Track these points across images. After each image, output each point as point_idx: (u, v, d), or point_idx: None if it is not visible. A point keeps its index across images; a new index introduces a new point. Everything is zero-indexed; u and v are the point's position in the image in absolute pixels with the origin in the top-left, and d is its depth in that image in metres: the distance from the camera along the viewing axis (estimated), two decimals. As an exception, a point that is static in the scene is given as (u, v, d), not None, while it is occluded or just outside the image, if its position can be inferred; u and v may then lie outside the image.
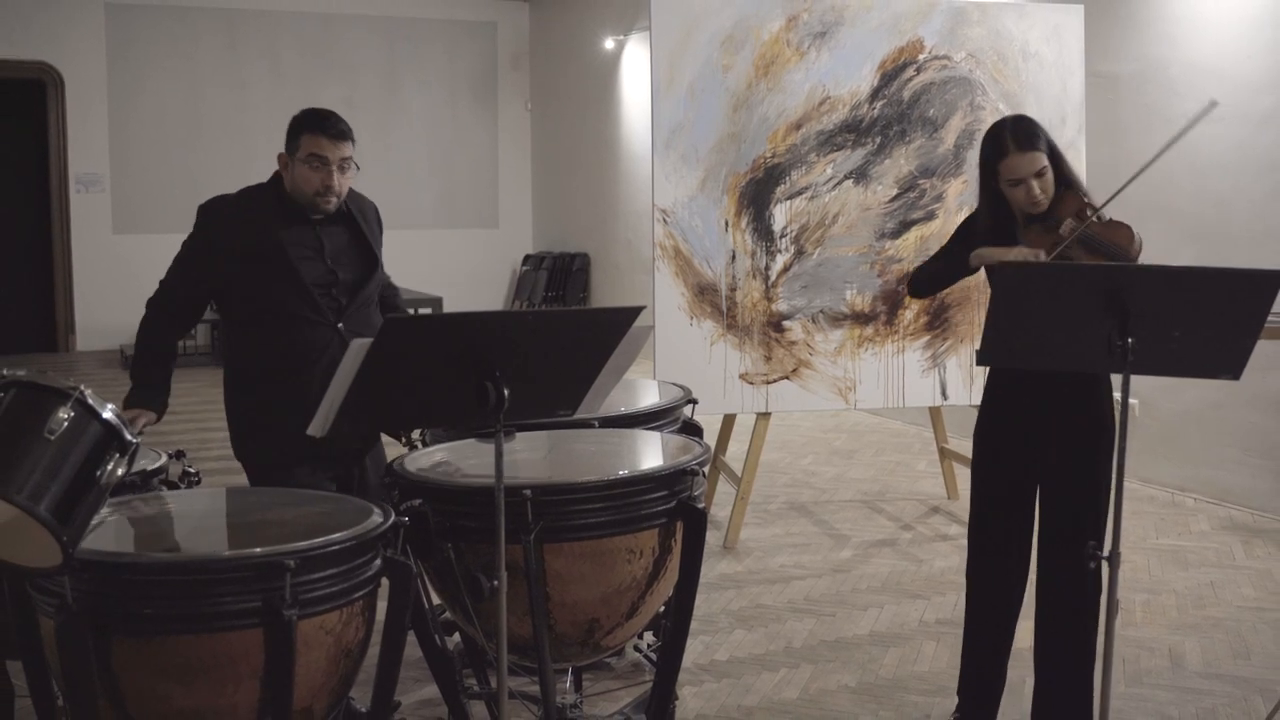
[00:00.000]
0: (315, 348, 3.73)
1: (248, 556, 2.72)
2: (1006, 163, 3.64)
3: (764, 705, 4.28)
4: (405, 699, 4.18)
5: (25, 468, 2.51)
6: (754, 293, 6.18)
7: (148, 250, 11.81)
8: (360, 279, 3.88)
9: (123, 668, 2.71)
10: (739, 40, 6.15)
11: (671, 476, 3.41)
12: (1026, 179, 3.62)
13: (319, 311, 3.76)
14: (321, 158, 3.73)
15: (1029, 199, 3.65)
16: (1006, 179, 3.65)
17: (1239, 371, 3.12)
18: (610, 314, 3.04)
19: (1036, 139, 3.64)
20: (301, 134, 3.76)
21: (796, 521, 6.59)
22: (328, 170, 3.74)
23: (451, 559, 3.29)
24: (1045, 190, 3.65)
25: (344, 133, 3.78)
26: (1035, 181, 3.63)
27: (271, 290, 3.74)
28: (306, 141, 3.74)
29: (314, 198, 3.76)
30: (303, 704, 2.81)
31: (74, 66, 13.13)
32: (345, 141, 3.77)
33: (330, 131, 3.75)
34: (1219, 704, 4.25)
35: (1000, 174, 3.66)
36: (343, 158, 3.76)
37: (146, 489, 3.43)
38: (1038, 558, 3.85)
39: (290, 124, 3.82)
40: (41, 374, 2.67)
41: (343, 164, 3.77)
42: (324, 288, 3.78)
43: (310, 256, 3.78)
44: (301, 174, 3.75)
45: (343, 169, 3.77)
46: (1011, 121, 3.74)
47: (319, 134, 3.74)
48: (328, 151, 3.73)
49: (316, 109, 3.87)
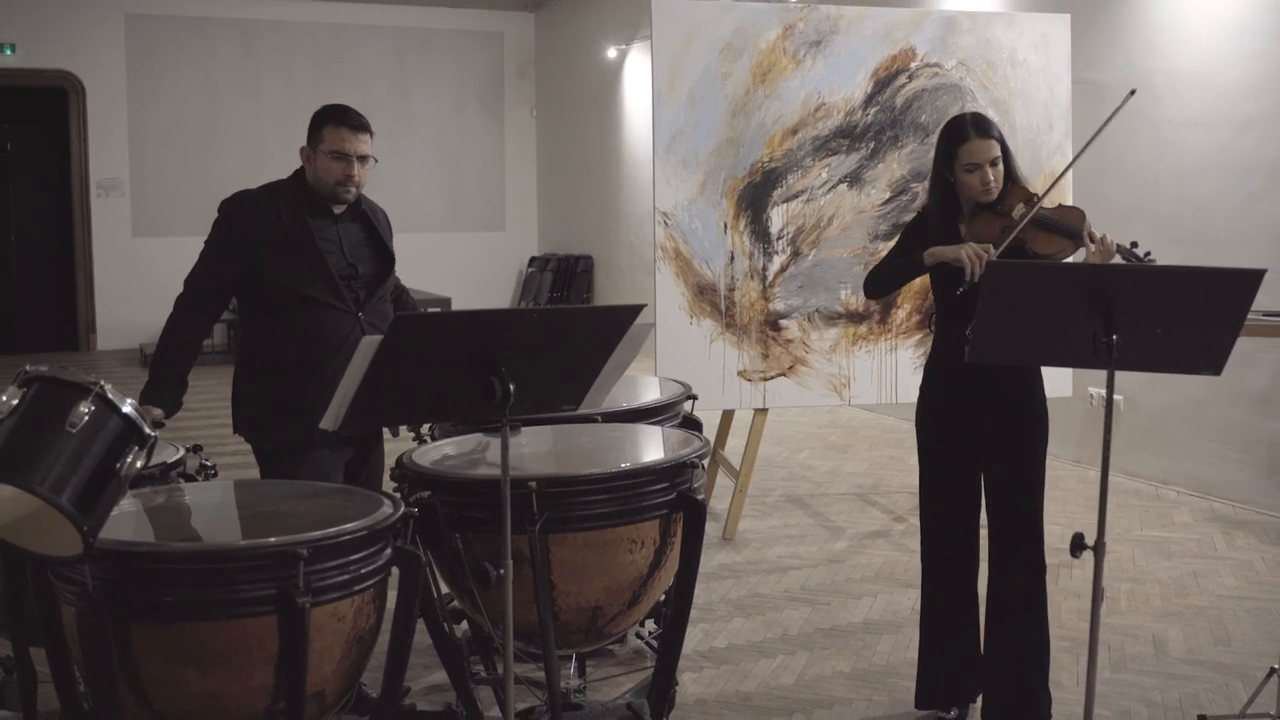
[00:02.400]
0: (340, 334, 3.77)
1: (263, 546, 2.73)
2: (967, 147, 3.71)
3: (762, 691, 4.28)
4: (415, 684, 4.19)
5: (48, 460, 2.51)
6: (752, 292, 6.18)
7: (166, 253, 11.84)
8: (377, 273, 3.94)
9: (142, 653, 2.72)
10: (737, 49, 6.15)
11: (672, 469, 3.42)
12: (983, 164, 3.70)
13: (343, 300, 3.81)
14: (342, 151, 3.79)
15: (982, 184, 3.71)
16: (965, 163, 3.72)
17: (1220, 368, 3.12)
18: (612, 312, 3.04)
19: (992, 129, 3.75)
20: (324, 126, 3.83)
21: (793, 514, 6.59)
22: (349, 161, 3.80)
23: (459, 549, 3.30)
24: (997, 179, 3.73)
25: (364, 125, 3.86)
26: (990, 169, 3.70)
27: (301, 277, 3.78)
28: (329, 134, 3.81)
29: (335, 188, 3.82)
30: (315, 688, 2.82)
31: (95, 75, 13.14)
32: (365, 134, 3.85)
33: (351, 123, 3.82)
34: (1201, 689, 4.25)
35: (959, 158, 3.73)
36: (362, 152, 3.83)
37: (165, 481, 3.44)
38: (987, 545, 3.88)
39: (313, 118, 3.89)
40: (63, 369, 2.67)
41: (362, 156, 3.83)
42: (345, 279, 3.83)
43: (332, 250, 3.83)
44: (324, 165, 3.81)
45: (362, 161, 3.84)
46: (970, 114, 3.86)
47: (341, 126, 3.81)
48: (348, 144, 3.80)
49: (337, 104, 3.93)
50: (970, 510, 3.88)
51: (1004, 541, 3.82)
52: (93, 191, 13.27)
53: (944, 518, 3.89)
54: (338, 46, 14.04)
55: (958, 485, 3.86)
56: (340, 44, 14.04)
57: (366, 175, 3.90)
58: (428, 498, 3.26)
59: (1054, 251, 3.67)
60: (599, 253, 13.91)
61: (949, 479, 3.86)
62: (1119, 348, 3.05)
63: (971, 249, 3.61)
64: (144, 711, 2.77)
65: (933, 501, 3.91)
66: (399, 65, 14.33)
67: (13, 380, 2.63)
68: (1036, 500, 3.80)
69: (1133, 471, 7.20)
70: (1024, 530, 3.78)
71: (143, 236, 13.28)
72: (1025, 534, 3.79)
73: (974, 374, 3.64)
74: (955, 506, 3.87)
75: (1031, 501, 3.79)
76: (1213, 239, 6.69)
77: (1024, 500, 3.79)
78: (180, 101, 13.44)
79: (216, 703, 2.75)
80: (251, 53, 13.71)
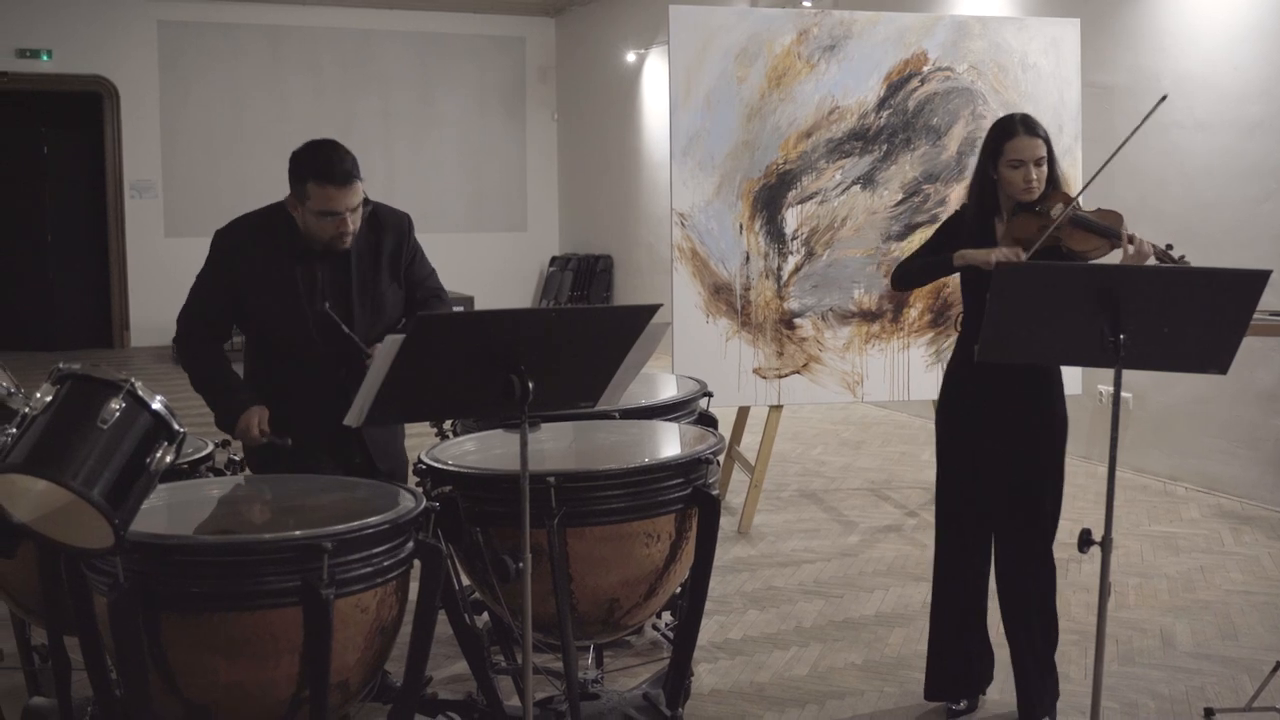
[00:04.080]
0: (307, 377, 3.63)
1: (288, 539, 2.74)
2: (1013, 143, 3.68)
3: (775, 681, 4.27)
4: (436, 673, 4.20)
5: (80, 455, 2.52)
6: (766, 292, 6.17)
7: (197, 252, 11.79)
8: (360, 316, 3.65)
9: (171, 642, 2.73)
10: (752, 53, 6.14)
11: (687, 465, 3.42)
12: (1027, 162, 3.66)
13: (312, 344, 3.61)
14: (331, 210, 3.46)
15: (1024, 182, 3.68)
16: (1010, 159, 3.68)
17: (1226, 367, 3.10)
18: (628, 312, 3.03)
19: (1040, 129, 3.71)
20: (307, 181, 3.45)
21: (807, 508, 6.58)
22: (340, 218, 3.48)
23: (480, 542, 3.30)
24: (1039, 180, 3.69)
25: (350, 176, 3.45)
26: (1033, 168, 3.67)
27: (274, 318, 3.62)
28: (314, 192, 3.45)
29: (330, 242, 3.54)
30: (339, 678, 2.83)
31: (128, 80, 13.19)
32: (353, 184, 3.46)
33: (337, 180, 3.43)
34: (1208, 682, 4.23)
35: (1004, 153, 3.69)
36: (353, 204, 3.47)
37: (194, 475, 3.45)
38: (996, 543, 3.86)
39: (291, 166, 3.49)
40: (94, 367, 2.68)
41: (354, 208, 3.49)
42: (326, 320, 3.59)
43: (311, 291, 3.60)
44: (313, 223, 3.50)
45: (355, 211, 3.50)
46: (1020, 114, 3.81)
47: (326, 184, 3.43)
48: (337, 204, 3.45)
49: (317, 148, 3.50)
50: (985, 507, 3.86)
51: (1019, 538, 3.79)
52: (126, 193, 13.33)
53: (959, 513, 3.88)
54: (363, 51, 14.06)
55: (975, 482, 3.84)
56: (365, 49, 14.06)
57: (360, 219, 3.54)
58: (449, 492, 3.26)
59: (1088, 249, 3.64)
60: (618, 252, 13.91)
61: (967, 475, 3.84)
62: (1126, 347, 3.04)
63: (1002, 253, 3.58)
64: (173, 698, 2.79)
65: (949, 497, 3.89)
66: (423, 69, 14.34)
67: (46, 378, 2.65)
68: (1055, 499, 3.78)
69: (1141, 468, 7.17)
70: (1039, 529, 3.76)
71: (174, 236, 13.32)
72: (1040, 532, 3.77)
73: (997, 373, 3.63)
74: (971, 503, 3.85)
75: (1049, 501, 3.77)
76: (1219, 240, 6.65)
77: (1042, 500, 3.76)
78: (210, 105, 13.48)
79: (243, 690, 2.76)
80: (279, 58, 13.74)
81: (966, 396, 3.83)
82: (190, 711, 2.80)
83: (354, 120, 13.72)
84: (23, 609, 3.45)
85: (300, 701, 2.81)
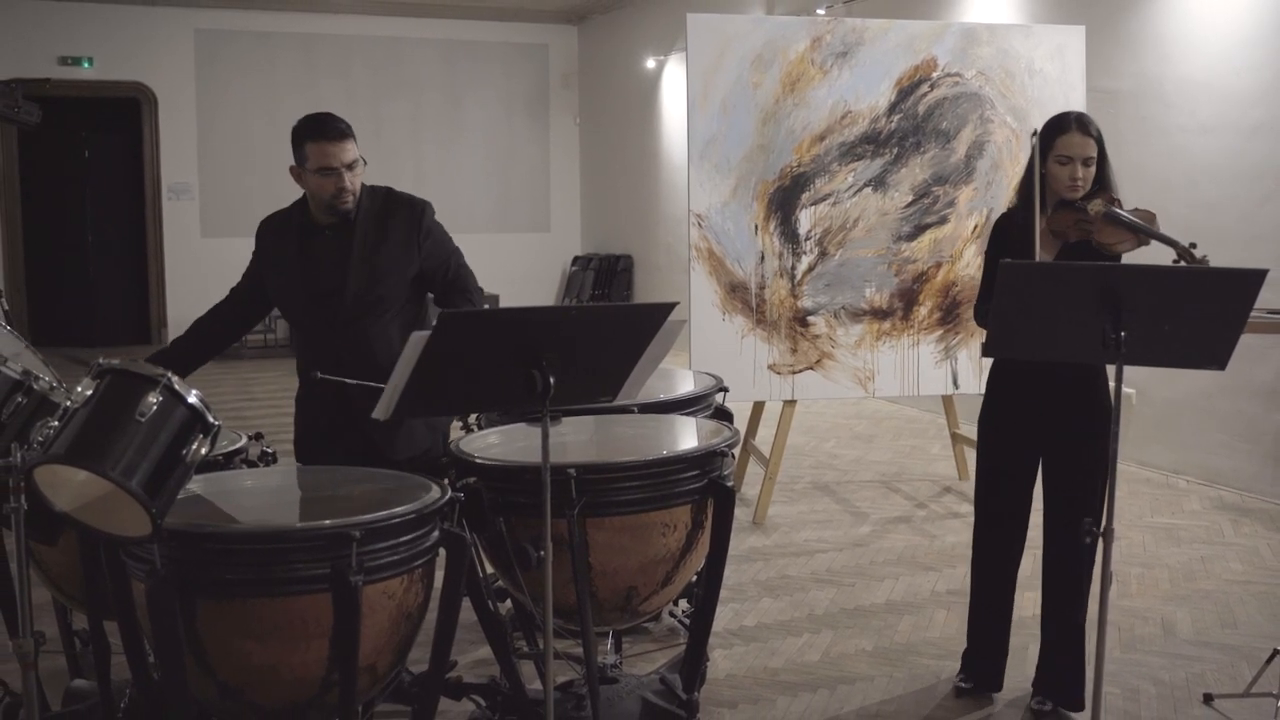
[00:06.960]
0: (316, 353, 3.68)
1: (318, 528, 2.75)
2: (1065, 139, 3.64)
3: (788, 667, 4.28)
4: (461, 658, 4.22)
5: (119, 447, 2.54)
6: (781, 290, 6.17)
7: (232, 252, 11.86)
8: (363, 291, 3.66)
9: (206, 627, 2.75)
10: (767, 60, 6.14)
11: (703, 457, 3.42)
12: (1076, 160, 3.63)
13: (313, 319, 3.69)
14: (328, 165, 3.56)
15: (1070, 179, 3.64)
16: (1059, 154, 3.64)
17: (1224, 363, 3.09)
18: (646, 309, 3.03)
19: (1093, 129, 3.67)
20: (305, 144, 3.59)
21: (820, 500, 6.57)
22: (338, 174, 3.57)
23: (503, 531, 3.31)
24: (1086, 179, 3.66)
25: (344, 132, 3.59)
26: (1081, 166, 3.63)
27: (281, 297, 3.77)
28: (311, 150, 3.58)
29: (331, 201, 3.61)
30: (367, 661, 2.84)
31: (166, 86, 13.25)
32: (347, 141, 3.58)
33: (330, 135, 3.57)
34: (1207, 669, 4.22)
35: (1055, 148, 3.65)
36: (349, 160, 3.58)
37: (228, 467, 3.47)
38: (1043, 532, 3.83)
39: (292, 135, 3.63)
40: (133, 362, 2.70)
41: (350, 164, 3.58)
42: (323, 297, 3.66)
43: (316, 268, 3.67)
44: (314, 183, 3.61)
45: (351, 168, 3.59)
46: (1077, 112, 3.76)
47: (321, 140, 3.57)
48: (333, 158, 3.55)
49: (313, 115, 3.66)
50: (1023, 502, 3.85)
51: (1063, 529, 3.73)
52: (164, 195, 13.39)
53: (998, 509, 3.87)
54: (393, 58, 14.08)
55: (1015, 477, 3.83)
56: (395, 55, 14.09)
57: (360, 179, 3.64)
58: (473, 483, 3.27)
59: (1115, 242, 3.61)
60: (638, 252, 13.90)
61: (1007, 471, 3.83)
62: (1127, 344, 3.02)
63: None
64: (208, 680, 2.80)
65: (990, 492, 3.88)
66: (450, 75, 14.36)
67: (87, 373, 2.67)
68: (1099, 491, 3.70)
69: (1144, 461, 7.15)
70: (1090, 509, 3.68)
71: (210, 237, 13.38)
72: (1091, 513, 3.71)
73: (1043, 371, 3.62)
74: (1010, 498, 3.84)
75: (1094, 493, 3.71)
76: (1221, 241, 6.60)
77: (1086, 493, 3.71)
78: (245, 110, 13.53)
79: (275, 673, 2.77)
80: (311, 65, 13.78)
81: (1012, 390, 3.80)
82: (224, 693, 2.82)
83: (384, 125, 13.75)
84: (64, 595, 3.48)
85: (330, 684, 2.82)
